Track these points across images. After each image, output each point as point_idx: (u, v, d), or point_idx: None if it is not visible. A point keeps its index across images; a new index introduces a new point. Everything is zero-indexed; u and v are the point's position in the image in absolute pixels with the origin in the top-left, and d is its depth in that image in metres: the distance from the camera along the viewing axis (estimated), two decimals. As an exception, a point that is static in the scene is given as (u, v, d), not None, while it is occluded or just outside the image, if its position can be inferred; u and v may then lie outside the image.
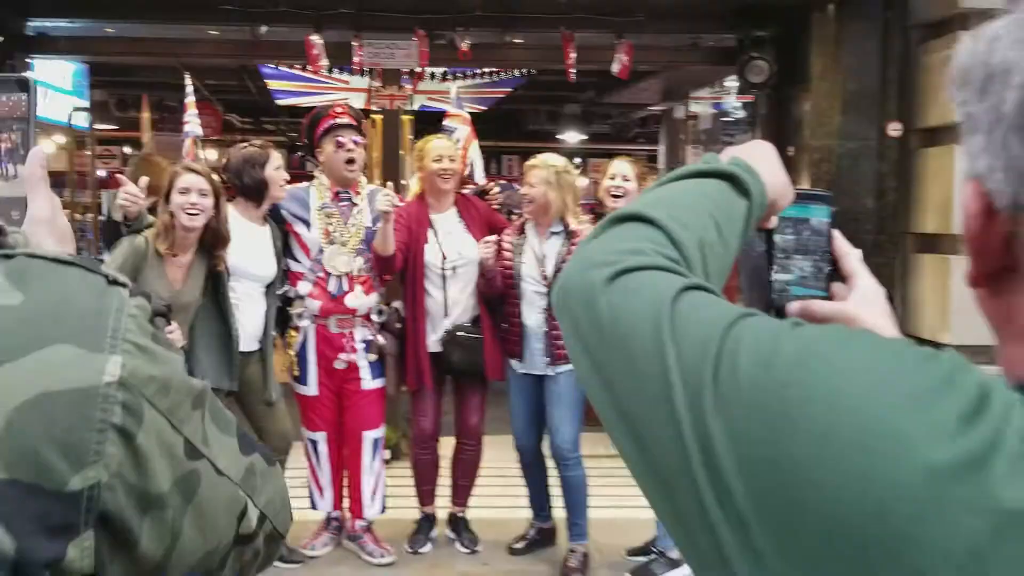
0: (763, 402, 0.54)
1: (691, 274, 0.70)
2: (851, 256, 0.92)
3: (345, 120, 3.89)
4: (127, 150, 14.30)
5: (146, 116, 8.89)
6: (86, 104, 7.29)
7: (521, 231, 3.97)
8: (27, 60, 5.30)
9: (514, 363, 3.98)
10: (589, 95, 13.41)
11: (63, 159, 7.15)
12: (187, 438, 0.67)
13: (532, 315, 3.86)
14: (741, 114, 9.91)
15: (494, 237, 3.89)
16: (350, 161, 3.86)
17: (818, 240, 0.92)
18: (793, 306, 0.88)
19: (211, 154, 15.87)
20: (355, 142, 3.87)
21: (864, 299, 0.86)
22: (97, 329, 0.63)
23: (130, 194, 3.36)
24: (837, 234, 0.93)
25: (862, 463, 0.49)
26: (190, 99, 5.43)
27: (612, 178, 3.89)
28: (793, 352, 0.56)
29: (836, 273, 0.92)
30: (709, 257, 0.74)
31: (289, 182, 3.94)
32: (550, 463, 4.05)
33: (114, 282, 0.66)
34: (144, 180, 3.53)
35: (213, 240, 3.43)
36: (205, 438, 0.69)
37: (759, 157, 0.85)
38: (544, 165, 3.85)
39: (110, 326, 0.63)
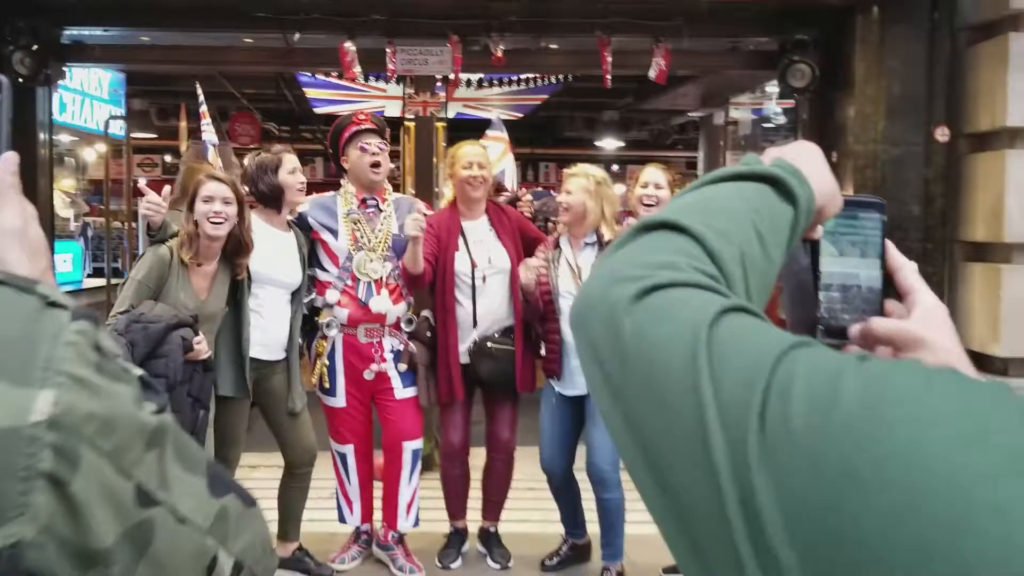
0: (822, 456, 0.45)
1: (731, 293, 0.60)
2: (907, 269, 0.80)
3: (368, 126, 3.87)
4: (167, 158, 14.47)
5: (183, 125, 8.94)
6: (122, 112, 7.34)
7: (556, 245, 3.88)
8: (63, 68, 5.32)
9: (552, 382, 3.87)
10: (627, 101, 13.32)
11: (100, 167, 7.21)
12: (139, 483, 0.58)
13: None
14: (782, 120, 9.77)
15: (536, 262, 3.78)
16: (375, 165, 3.83)
17: None
18: (853, 328, 0.77)
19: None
20: (379, 147, 3.84)
21: (928, 318, 0.75)
22: (25, 359, 0.54)
23: (152, 203, 3.33)
24: (891, 245, 0.83)
25: (954, 547, 0.39)
26: (203, 108, 5.40)
27: (644, 186, 3.79)
28: (860, 394, 0.46)
29: (890, 289, 0.81)
30: (750, 272, 0.64)
31: (322, 189, 3.91)
32: (582, 479, 3.94)
33: (52, 304, 0.58)
34: (167, 189, 3.50)
35: (235, 248, 3.39)
36: (164, 481, 0.60)
37: (805, 159, 0.75)
38: (583, 174, 3.77)
39: (42, 355, 0.55)
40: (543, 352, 3.93)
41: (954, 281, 4.81)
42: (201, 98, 5.40)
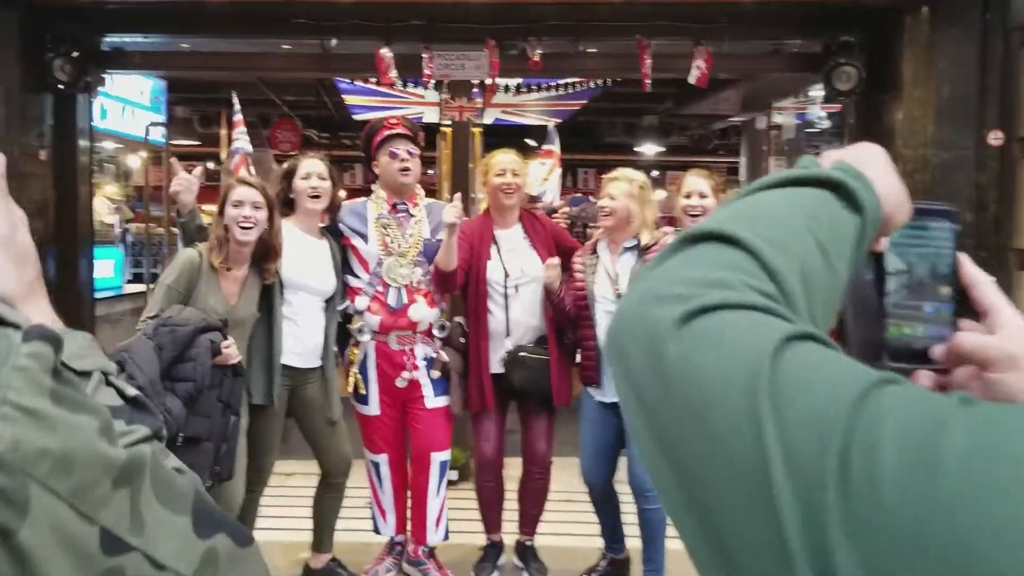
0: (924, 527, 0.36)
1: (793, 315, 0.51)
2: (986, 285, 0.71)
3: (398, 131, 3.81)
4: (210, 165, 14.61)
5: (224, 132, 9.00)
6: (163, 119, 7.39)
7: (593, 251, 3.80)
8: (103, 75, 5.35)
9: (590, 390, 3.79)
10: (667, 106, 13.19)
11: (140, 174, 7.26)
12: (105, 527, 0.51)
13: None
14: (826, 124, 9.59)
15: (556, 260, 3.73)
16: (404, 170, 3.78)
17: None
18: (937, 348, 0.68)
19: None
20: (409, 152, 3.79)
21: (1018, 336, 0.66)
22: None
23: (182, 180, 3.32)
24: (965, 258, 0.74)
25: None
26: (238, 116, 5.39)
27: (688, 196, 3.66)
28: (970, 450, 0.38)
29: (963, 306, 0.72)
30: (812, 290, 0.55)
31: (362, 194, 3.89)
32: (622, 491, 3.84)
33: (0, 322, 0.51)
34: (199, 169, 3.50)
35: (264, 253, 3.36)
36: (138, 523, 0.53)
37: (869, 161, 0.66)
38: (625, 178, 3.69)
39: None
40: (578, 359, 3.85)
41: (1009, 291, 4.61)
42: (236, 106, 5.37)
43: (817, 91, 9.21)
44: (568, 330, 3.84)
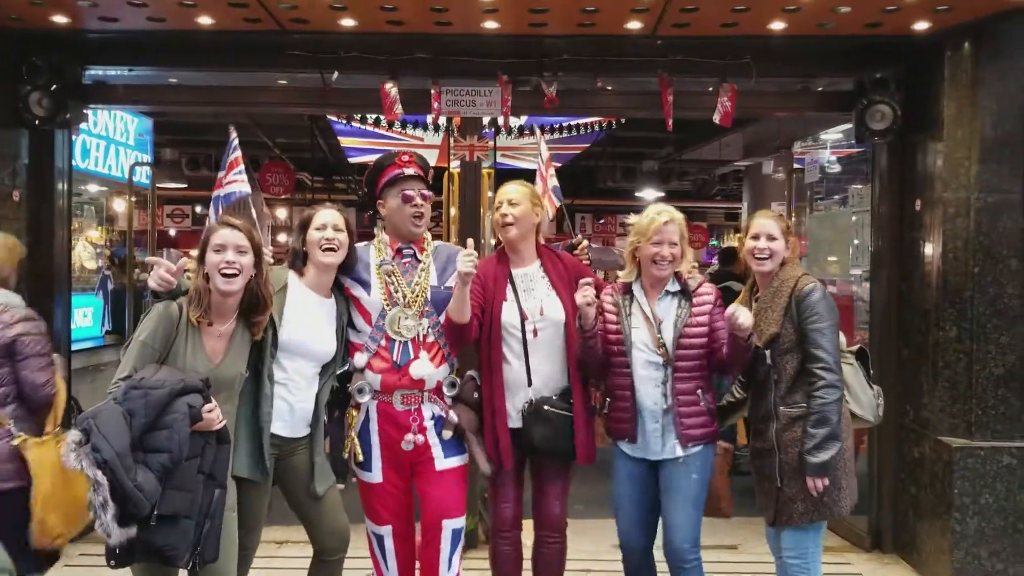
0: None
1: None
2: None
3: (412, 171, 3.49)
4: (198, 209, 14.30)
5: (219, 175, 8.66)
6: (148, 159, 7.01)
7: (626, 291, 3.44)
8: (84, 110, 4.98)
9: (624, 446, 3.44)
10: (667, 151, 12.98)
11: (124, 218, 6.87)
12: None
13: (647, 389, 3.33)
14: (836, 169, 9.37)
15: (590, 280, 3.40)
16: (417, 216, 3.46)
17: None
18: None
19: (281, 213, 15.89)
20: (423, 196, 3.47)
21: None
22: None
23: (163, 279, 2.96)
24: None
25: None
26: (236, 154, 4.95)
27: (755, 237, 3.40)
28: None
29: None
30: None
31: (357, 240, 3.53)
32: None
33: None
34: (183, 261, 3.13)
35: (252, 304, 2.99)
36: None
37: None
38: (674, 217, 3.40)
39: None
40: (606, 410, 3.51)
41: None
42: (235, 142, 4.93)
43: (827, 135, 8.99)
44: (594, 376, 3.53)
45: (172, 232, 16.22)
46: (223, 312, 2.94)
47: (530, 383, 3.48)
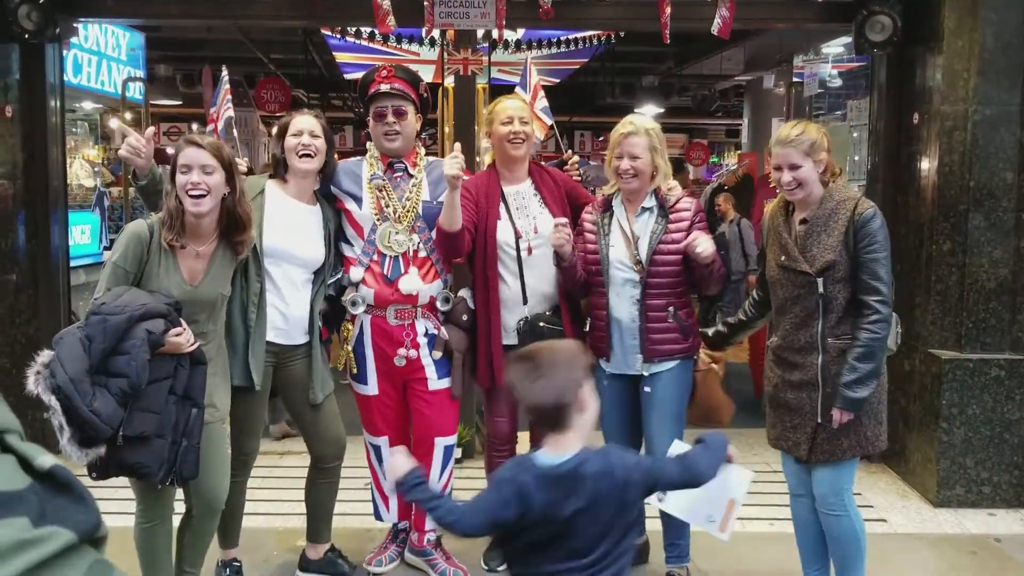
0: None
1: None
2: None
3: (387, 87, 3.43)
4: (195, 126, 14.15)
5: (208, 91, 8.56)
6: (141, 74, 6.90)
7: (606, 207, 3.44)
8: (74, 24, 4.90)
9: (602, 363, 3.46)
10: (667, 66, 12.78)
11: (119, 135, 6.81)
12: None
13: (623, 306, 3.34)
14: (837, 83, 9.27)
15: (564, 219, 3.37)
16: (390, 134, 3.43)
17: None
18: None
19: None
20: (398, 113, 3.42)
21: None
22: None
23: (131, 145, 2.94)
24: None
25: None
26: (227, 87, 4.62)
27: (778, 169, 3.05)
28: None
29: None
30: None
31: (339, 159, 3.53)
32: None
33: None
34: (150, 130, 3.11)
35: (230, 225, 2.92)
36: None
37: None
38: (642, 130, 3.32)
39: None
40: (587, 328, 3.54)
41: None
42: (224, 76, 4.61)
43: (828, 49, 8.85)
44: (578, 297, 3.55)
45: (170, 150, 16.07)
46: (199, 233, 2.88)
47: (525, 301, 3.50)
